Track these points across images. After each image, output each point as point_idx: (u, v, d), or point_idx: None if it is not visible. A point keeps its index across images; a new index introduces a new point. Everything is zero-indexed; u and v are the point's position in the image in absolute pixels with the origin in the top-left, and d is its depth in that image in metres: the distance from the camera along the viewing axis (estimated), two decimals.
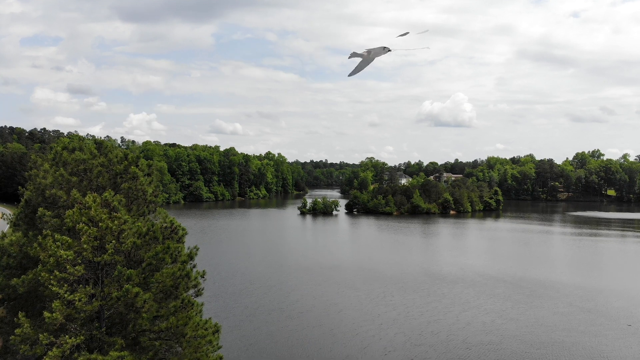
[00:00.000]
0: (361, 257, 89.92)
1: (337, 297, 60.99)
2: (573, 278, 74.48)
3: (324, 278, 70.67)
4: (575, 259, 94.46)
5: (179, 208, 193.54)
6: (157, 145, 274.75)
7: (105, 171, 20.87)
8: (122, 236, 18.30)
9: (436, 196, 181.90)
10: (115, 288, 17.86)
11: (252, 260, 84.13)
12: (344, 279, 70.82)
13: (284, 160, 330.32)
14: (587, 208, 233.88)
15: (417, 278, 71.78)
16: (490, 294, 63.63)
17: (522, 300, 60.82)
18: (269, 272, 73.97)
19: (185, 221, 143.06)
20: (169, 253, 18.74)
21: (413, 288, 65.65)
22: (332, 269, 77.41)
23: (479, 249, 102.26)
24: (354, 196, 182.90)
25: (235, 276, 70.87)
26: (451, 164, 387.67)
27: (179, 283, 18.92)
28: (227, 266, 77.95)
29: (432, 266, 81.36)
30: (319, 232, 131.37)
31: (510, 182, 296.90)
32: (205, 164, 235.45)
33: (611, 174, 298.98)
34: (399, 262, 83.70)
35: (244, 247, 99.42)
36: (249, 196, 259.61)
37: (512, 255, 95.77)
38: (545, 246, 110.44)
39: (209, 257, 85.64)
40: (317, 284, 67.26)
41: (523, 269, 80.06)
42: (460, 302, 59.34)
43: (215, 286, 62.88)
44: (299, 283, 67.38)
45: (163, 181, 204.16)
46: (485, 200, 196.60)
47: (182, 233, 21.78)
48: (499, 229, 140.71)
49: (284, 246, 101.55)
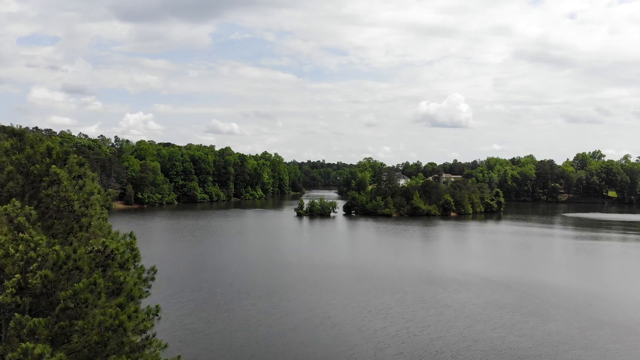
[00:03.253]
0: (358, 263, 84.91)
1: (331, 310, 55.97)
2: (586, 286, 69.55)
3: (318, 287, 65.63)
4: (587, 265, 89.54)
5: (173, 209, 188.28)
6: (152, 144, 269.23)
7: (19, 173, 15.75)
8: (30, 268, 13.27)
9: (436, 197, 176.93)
10: (13, 345, 12.76)
11: (241, 266, 79.03)
12: (340, 287, 65.81)
13: (281, 160, 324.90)
14: (589, 210, 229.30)
15: (417, 287, 66.82)
16: (497, 304, 58.69)
17: (533, 311, 55.87)
18: (258, 281, 68.90)
19: (177, 222, 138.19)
20: (96, 291, 13.64)
21: (413, 298, 60.69)
22: (326, 277, 72.41)
23: (482, 254, 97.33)
24: (352, 197, 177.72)
25: (222, 284, 65.82)
26: (450, 164, 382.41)
27: (107, 338, 13.62)
28: (213, 273, 72.90)
29: (433, 273, 76.40)
30: (315, 235, 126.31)
31: (510, 183, 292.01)
32: (200, 164, 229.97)
33: (612, 175, 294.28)
34: (399, 269, 78.74)
35: (235, 251, 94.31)
36: (244, 197, 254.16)
37: (518, 260, 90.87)
38: (553, 251, 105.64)
39: (195, 261, 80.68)
40: (310, 294, 62.24)
41: (531, 275, 75.21)
42: (465, 314, 54.35)
43: (202, 295, 57.93)
44: (291, 293, 62.39)
45: (156, 181, 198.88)
46: (486, 201, 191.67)
47: (126, 257, 16.65)
48: (501, 232, 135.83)
49: (277, 251, 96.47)
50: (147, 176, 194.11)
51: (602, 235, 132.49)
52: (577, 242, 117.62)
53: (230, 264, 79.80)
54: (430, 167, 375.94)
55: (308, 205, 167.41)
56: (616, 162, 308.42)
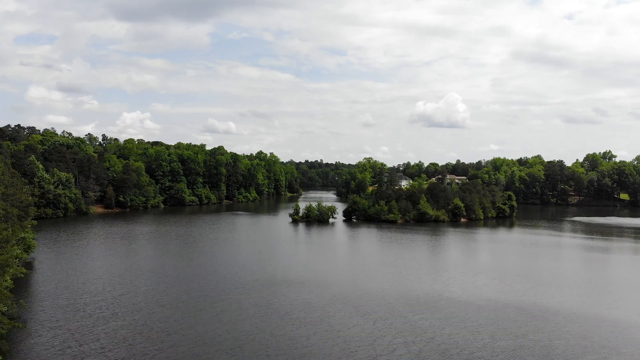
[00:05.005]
0: (358, 285, 69.50)
1: (325, 346, 40.89)
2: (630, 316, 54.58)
3: (310, 317, 50.34)
4: (631, 285, 74.38)
5: (158, 213, 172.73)
6: (141, 143, 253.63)
7: None
8: None
9: (444, 201, 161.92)
10: None
11: (223, 286, 63.62)
12: (335, 320, 50.56)
13: (277, 160, 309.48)
14: (601, 213, 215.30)
15: (425, 320, 51.40)
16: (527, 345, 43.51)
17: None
18: (239, 306, 53.60)
19: (153, 229, 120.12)
20: None
21: (422, 341, 45.38)
22: (320, 304, 57.03)
23: (507, 273, 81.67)
24: (353, 201, 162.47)
25: (204, 307, 50.55)
26: (452, 164, 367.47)
27: None
28: (192, 290, 57.63)
29: (445, 298, 60.95)
30: (311, 246, 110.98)
31: (518, 185, 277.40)
32: (189, 164, 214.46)
33: (624, 177, 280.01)
34: (405, 295, 63.40)
35: (217, 267, 78.80)
36: (237, 199, 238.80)
37: (548, 281, 75.49)
38: (581, 266, 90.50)
39: (154, 283, 64.84)
40: (298, 326, 47.24)
41: (569, 300, 60.11)
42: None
43: (182, 319, 42.72)
44: (278, 321, 47.28)
45: (140, 183, 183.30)
46: (498, 205, 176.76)
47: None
48: (519, 242, 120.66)
49: (267, 266, 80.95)
50: (129, 177, 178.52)
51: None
52: (620, 258, 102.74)
53: (209, 282, 64.43)
54: (432, 167, 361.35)
55: (304, 210, 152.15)
56: (628, 163, 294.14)
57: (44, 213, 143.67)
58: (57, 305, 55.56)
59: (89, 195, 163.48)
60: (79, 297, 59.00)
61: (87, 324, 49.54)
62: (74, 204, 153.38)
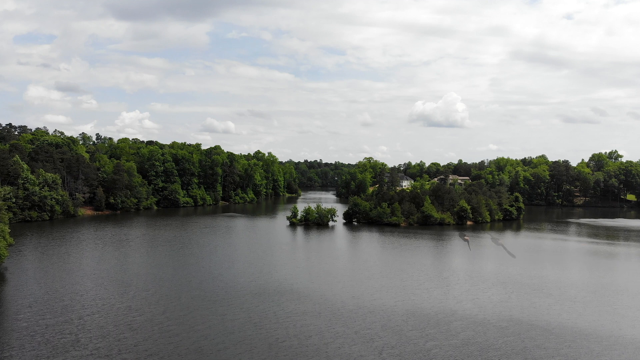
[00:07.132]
0: (360, 303, 62.08)
1: None
2: None
3: (305, 347, 42.95)
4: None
5: (150, 215, 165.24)
6: (135, 142, 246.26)
7: None
8: None
9: (449, 203, 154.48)
10: None
11: (212, 297, 56.31)
12: (333, 350, 43.17)
13: (275, 160, 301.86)
14: (609, 215, 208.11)
15: (439, 348, 44.05)
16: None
17: None
18: (223, 328, 46.22)
19: (142, 233, 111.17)
20: None
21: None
22: (317, 328, 49.63)
23: (524, 285, 74.05)
24: (354, 203, 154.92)
25: (179, 332, 43.24)
26: (454, 165, 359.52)
27: None
28: (169, 310, 50.28)
29: (460, 317, 53.56)
30: (311, 254, 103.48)
31: (522, 186, 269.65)
32: (184, 164, 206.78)
33: (631, 177, 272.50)
34: (413, 313, 56.01)
35: (203, 280, 71.33)
36: (234, 200, 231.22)
37: (572, 295, 68.11)
38: (608, 276, 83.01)
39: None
40: (291, 358, 39.92)
41: (600, 319, 52.73)
42: None
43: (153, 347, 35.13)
44: (266, 352, 39.98)
45: (132, 184, 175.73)
46: (504, 207, 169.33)
47: None
48: (532, 248, 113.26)
49: (258, 279, 73.50)
50: (121, 178, 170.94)
51: None
52: (632, 263, 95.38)
53: (195, 296, 57.06)
54: (434, 167, 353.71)
55: (303, 213, 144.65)
56: (635, 163, 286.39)
57: (28, 216, 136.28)
58: (15, 328, 48.07)
59: (78, 197, 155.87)
60: (41, 318, 51.50)
61: (42, 353, 42.06)
62: (61, 206, 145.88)
